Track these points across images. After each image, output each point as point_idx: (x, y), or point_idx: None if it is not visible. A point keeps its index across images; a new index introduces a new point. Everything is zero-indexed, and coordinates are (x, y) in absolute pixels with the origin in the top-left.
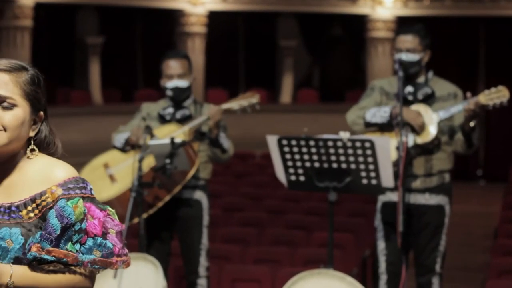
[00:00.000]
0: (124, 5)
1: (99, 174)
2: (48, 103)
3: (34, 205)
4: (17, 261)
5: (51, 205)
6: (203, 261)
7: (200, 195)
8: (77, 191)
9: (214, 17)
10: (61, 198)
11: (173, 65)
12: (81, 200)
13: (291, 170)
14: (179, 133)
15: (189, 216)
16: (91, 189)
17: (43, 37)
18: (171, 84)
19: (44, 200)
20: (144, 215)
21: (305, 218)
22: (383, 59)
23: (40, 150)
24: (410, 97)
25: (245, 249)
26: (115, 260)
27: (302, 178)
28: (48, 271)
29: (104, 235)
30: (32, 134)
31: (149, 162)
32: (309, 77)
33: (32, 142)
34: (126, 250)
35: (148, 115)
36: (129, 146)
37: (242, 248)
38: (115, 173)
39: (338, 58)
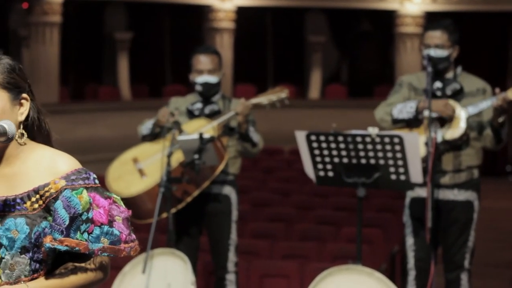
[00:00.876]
0: (152, 1)
1: (128, 168)
2: (76, 98)
3: (37, 196)
4: (24, 250)
5: (55, 195)
6: (231, 257)
7: (229, 190)
8: (80, 182)
9: (243, 13)
10: (66, 189)
11: (203, 60)
12: (85, 191)
13: (320, 166)
14: (208, 128)
15: (218, 211)
16: (94, 179)
17: (71, 33)
18: (201, 79)
19: (47, 191)
20: (173, 210)
21: (333, 214)
22: (412, 54)
23: (34, 135)
24: (438, 93)
25: (274, 244)
26: (123, 246)
27: (330, 174)
28: (61, 275)
29: (110, 223)
30: (21, 118)
31: (178, 157)
32: (338, 72)
33: (21, 126)
34: (134, 236)
35: (177, 110)
36: (157, 127)
37: (270, 244)
38: (144, 167)
39: (366, 53)
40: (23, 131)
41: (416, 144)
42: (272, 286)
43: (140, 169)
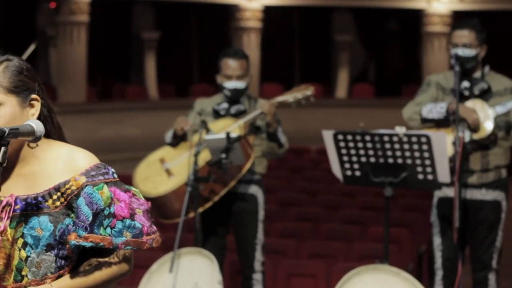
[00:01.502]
0: (180, 0)
1: (155, 169)
2: (104, 98)
3: (58, 194)
4: (49, 247)
5: (76, 192)
6: (258, 256)
7: (255, 190)
8: (100, 177)
9: (270, 12)
10: (86, 185)
11: (232, 66)
12: (105, 186)
13: (347, 165)
14: (234, 127)
15: (245, 210)
16: (113, 173)
17: (99, 32)
18: (230, 85)
19: (68, 188)
20: (200, 210)
21: (360, 213)
22: (439, 53)
23: (48, 132)
24: (466, 92)
25: (301, 244)
26: (145, 239)
27: (357, 173)
28: (86, 272)
29: (132, 216)
30: (33, 119)
31: (205, 156)
32: (365, 71)
33: None
34: (155, 228)
35: (202, 111)
36: (178, 137)
37: (297, 243)
38: (171, 167)
39: (393, 52)
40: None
41: (444, 144)
42: (298, 285)
43: (167, 169)
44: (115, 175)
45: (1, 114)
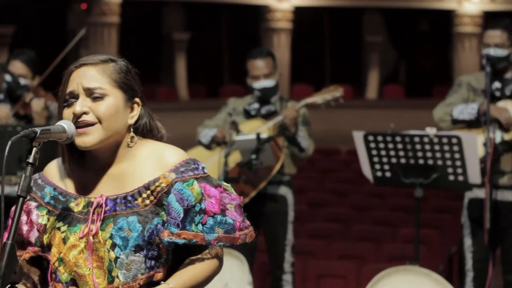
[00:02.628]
0: (210, 1)
1: None
2: None
3: (148, 192)
4: (138, 248)
5: (166, 189)
6: (288, 257)
7: (285, 191)
8: (190, 173)
9: (300, 13)
10: (176, 181)
11: (258, 65)
12: (195, 182)
13: (377, 166)
14: (264, 128)
15: (275, 211)
16: (203, 168)
17: (130, 33)
18: (258, 85)
19: (158, 186)
20: None
21: (390, 214)
22: (470, 54)
23: (145, 136)
24: (497, 93)
25: (330, 245)
26: (238, 234)
27: (388, 174)
28: (191, 267)
29: (223, 212)
30: (131, 121)
31: (235, 157)
32: (395, 72)
33: (131, 129)
34: (248, 223)
35: (234, 110)
36: (214, 143)
37: (327, 244)
38: None
39: (424, 53)
40: (133, 134)
41: (474, 145)
42: (328, 286)
43: None
44: (205, 170)
45: (107, 104)
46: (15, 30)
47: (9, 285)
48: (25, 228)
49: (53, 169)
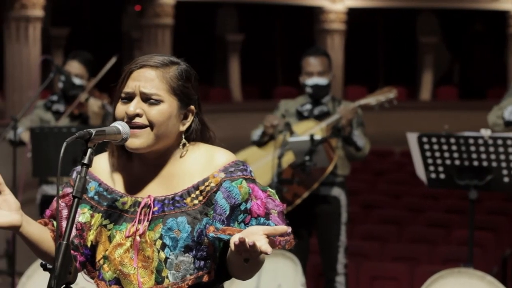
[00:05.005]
0: (264, 2)
1: None
2: None
3: (197, 192)
4: (187, 249)
5: (215, 189)
6: (341, 258)
7: (338, 192)
8: (239, 173)
9: (353, 14)
10: (225, 180)
11: (313, 62)
12: (244, 181)
13: (431, 168)
14: (317, 129)
15: (328, 213)
16: (251, 171)
17: (183, 35)
18: (310, 81)
19: (207, 186)
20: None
21: (444, 216)
22: None
23: (195, 141)
24: None
25: (384, 246)
26: (278, 239)
27: (442, 176)
28: None
29: (267, 215)
30: (182, 128)
31: (288, 158)
32: (449, 74)
33: (183, 136)
34: (289, 230)
35: (287, 112)
36: (266, 136)
37: (380, 246)
38: (254, 169)
39: (479, 54)
40: (185, 142)
41: None
42: None
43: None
44: (253, 174)
45: (161, 109)
46: (70, 32)
47: (64, 285)
48: (64, 223)
49: (100, 165)
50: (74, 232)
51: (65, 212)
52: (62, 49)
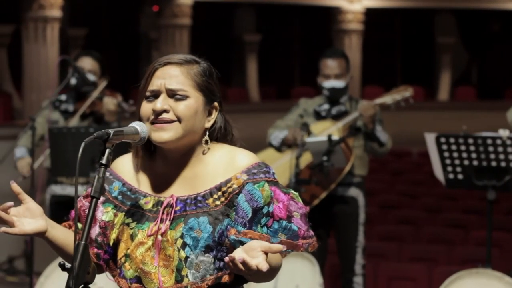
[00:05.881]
0: (281, 3)
1: None
2: None
3: (220, 193)
4: (208, 249)
5: (237, 190)
6: (359, 259)
7: (356, 192)
8: (262, 175)
9: (371, 14)
10: (248, 182)
11: (330, 65)
12: (266, 184)
13: (449, 168)
14: (334, 129)
15: (345, 213)
16: (273, 173)
17: (201, 35)
18: (328, 84)
19: (230, 187)
20: None
21: (462, 217)
22: None
23: (218, 141)
24: None
25: (402, 247)
26: (301, 242)
27: (460, 176)
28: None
29: (289, 218)
30: (207, 125)
31: (306, 159)
32: (467, 74)
33: (207, 133)
34: (312, 233)
35: (305, 111)
36: (285, 146)
37: (398, 246)
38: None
39: (497, 55)
40: (207, 139)
41: None
42: None
43: None
44: (276, 176)
45: (188, 104)
46: (88, 33)
47: (82, 285)
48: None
49: (123, 165)
50: (98, 230)
51: None
52: (80, 49)
